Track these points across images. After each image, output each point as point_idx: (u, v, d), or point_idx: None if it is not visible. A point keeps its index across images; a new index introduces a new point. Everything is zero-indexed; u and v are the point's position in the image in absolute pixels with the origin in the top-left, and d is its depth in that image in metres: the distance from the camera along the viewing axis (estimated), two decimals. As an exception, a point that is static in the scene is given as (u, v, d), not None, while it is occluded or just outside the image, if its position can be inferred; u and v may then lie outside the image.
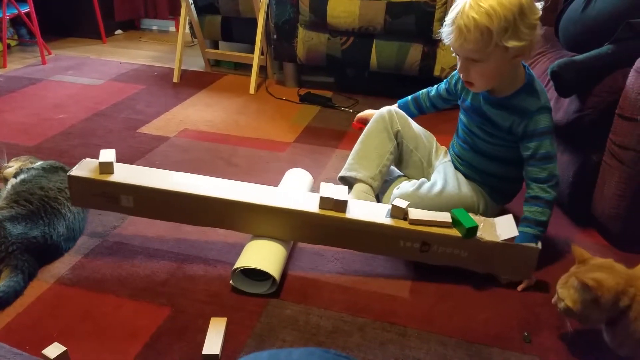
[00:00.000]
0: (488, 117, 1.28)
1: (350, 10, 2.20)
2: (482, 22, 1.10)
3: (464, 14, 1.12)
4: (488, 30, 1.11)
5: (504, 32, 1.12)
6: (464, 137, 1.38)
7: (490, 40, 1.12)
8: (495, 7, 1.10)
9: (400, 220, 1.19)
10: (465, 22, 1.12)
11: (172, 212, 1.24)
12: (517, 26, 1.12)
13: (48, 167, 1.43)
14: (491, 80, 1.22)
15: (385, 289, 1.20)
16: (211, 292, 1.16)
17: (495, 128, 1.27)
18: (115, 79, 2.59)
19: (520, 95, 1.23)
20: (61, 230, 1.25)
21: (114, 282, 1.17)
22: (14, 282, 1.11)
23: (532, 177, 1.23)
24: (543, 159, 1.21)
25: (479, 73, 1.20)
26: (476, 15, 1.11)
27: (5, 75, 2.58)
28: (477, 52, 1.15)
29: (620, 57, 1.29)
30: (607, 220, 1.36)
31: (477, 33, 1.11)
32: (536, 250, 1.17)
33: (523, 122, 1.21)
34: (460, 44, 1.15)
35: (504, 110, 1.25)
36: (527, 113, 1.21)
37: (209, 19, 2.73)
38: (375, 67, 2.33)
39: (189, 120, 2.12)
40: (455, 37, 1.15)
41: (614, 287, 0.93)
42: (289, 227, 1.21)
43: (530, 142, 1.21)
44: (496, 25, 1.10)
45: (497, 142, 1.29)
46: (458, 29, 1.13)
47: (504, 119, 1.24)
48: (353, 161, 1.45)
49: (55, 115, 2.11)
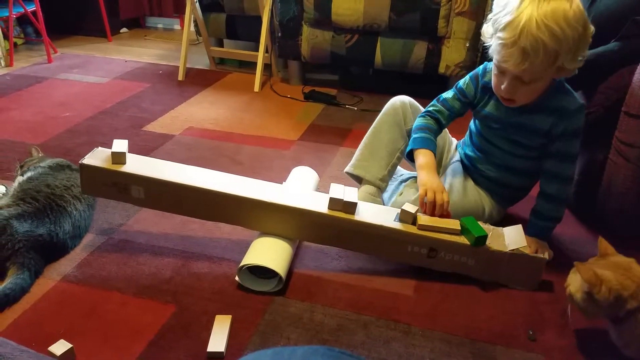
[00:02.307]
0: (521, 126, 1.21)
1: (355, 7, 2.20)
2: (552, 47, 1.02)
3: (530, 35, 1.01)
4: (555, 54, 1.04)
5: (569, 53, 1.05)
6: (479, 145, 1.32)
7: (555, 62, 1.06)
8: (563, 27, 1.01)
9: (409, 225, 1.18)
10: (533, 45, 1.01)
11: (182, 206, 1.24)
12: (579, 46, 1.06)
13: (54, 165, 1.43)
14: (534, 97, 1.17)
15: (390, 286, 1.20)
16: (216, 289, 1.16)
17: (528, 134, 1.21)
18: (121, 77, 2.60)
19: (557, 96, 1.18)
20: (67, 228, 1.26)
21: (120, 280, 1.18)
22: (21, 279, 1.12)
23: (555, 173, 1.21)
24: (571, 157, 1.20)
25: (528, 92, 1.14)
26: (546, 38, 1.01)
27: (12, 74, 2.59)
28: (534, 74, 1.08)
29: (626, 54, 1.28)
30: (614, 218, 1.36)
31: (544, 57, 1.03)
32: (543, 260, 1.17)
33: (564, 122, 1.16)
34: (524, 68, 1.05)
35: (541, 113, 1.18)
36: (567, 112, 1.16)
37: (214, 17, 2.73)
38: (380, 64, 2.32)
39: (193, 118, 2.13)
40: (517, 59, 1.04)
41: (618, 289, 0.92)
42: (297, 226, 1.21)
43: (568, 141, 1.18)
44: (564, 48, 1.03)
45: (522, 152, 1.24)
46: (523, 52, 1.03)
47: (543, 122, 1.18)
48: (362, 157, 1.39)
49: (61, 114, 2.12)
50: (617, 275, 0.94)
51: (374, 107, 2.24)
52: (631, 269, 0.95)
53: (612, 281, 0.93)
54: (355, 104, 2.31)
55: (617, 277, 0.93)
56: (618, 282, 0.93)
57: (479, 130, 1.32)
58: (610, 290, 0.92)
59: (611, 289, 0.92)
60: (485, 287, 1.21)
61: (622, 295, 0.92)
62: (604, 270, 0.95)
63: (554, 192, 1.21)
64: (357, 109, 2.27)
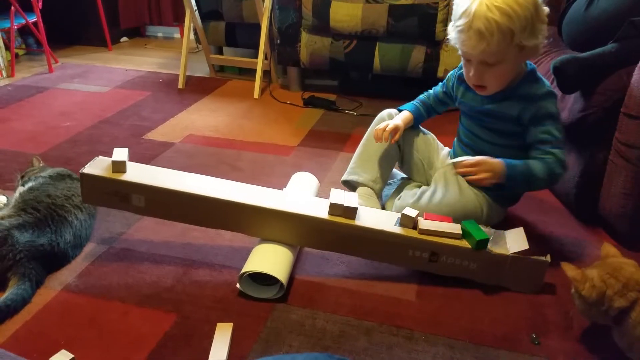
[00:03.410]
0: (492, 113, 1.26)
1: (353, 13, 2.21)
2: (503, 24, 1.08)
3: (482, 17, 1.08)
4: (510, 31, 1.09)
5: (524, 30, 1.10)
6: (466, 141, 1.37)
7: (512, 40, 1.10)
8: (513, 6, 1.08)
9: (409, 229, 1.18)
10: (486, 25, 1.08)
11: (182, 214, 1.24)
12: (534, 23, 1.11)
13: (55, 175, 1.44)
14: (505, 82, 1.21)
15: (392, 292, 1.20)
16: (217, 297, 1.16)
17: (501, 122, 1.25)
18: (121, 86, 2.61)
19: (525, 84, 1.21)
20: (68, 238, 1.26)
21: (121, 289, 1.18)
22: (22, 290, 1.11)
23: (540, 159, 1.20)
24: (549, 143, 1.19)
25: (495, 76, 1.18)
26: (497, 17, 1.07)
27: (14, 85, 2.60)
28: (496, 55, 1.12)
29: (624, 55, 1.28)
30: (614, 219, 1.35)
31: (499, 35, 1.09)
32: (546, 263, 1.16)
33: (531, 108, 1.19)
34: (482, 49, 1.11)
35: (509, 100, 1.22)
36: (534, 98, 1.19)
37: (213, 25, 2.74)
38: (379, 69, 2.33)
39: (194, 125, 2.13)
40: (475, 42, 1.11)
41: (600, 287, 0.93)
42: (298, 232, 1.21)
43: (541, 125, 1.19)
44: (517, 24, 1.08)
45: (502, 141, 1.27)
46: (478, 33, 1.09)
47: (511, 108, 1.22)
48: (355, 165, 1.45)
49: (61, 123, 2.12)
50: (601, 273, 0.95)
51: (374, 112, 2.21)
52: (621, 269, 0.96)
53: (595, 278, 0.94)
54: (355, 109, 2.31)
55: (601, 275, 0.95)
56: (601, 279, 0.94)
57: (462, 122, 1.38)
58: (593, 287, 0.93)
59: (594, 286, 0.93)
60: (487, 290, 1.20)
61: (606, 293, 0.93)
62: (592, 269, 0.96)
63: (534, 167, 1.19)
64: (356, 114, 2.27)
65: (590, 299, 0.95)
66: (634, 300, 0.92)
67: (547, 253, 1.18)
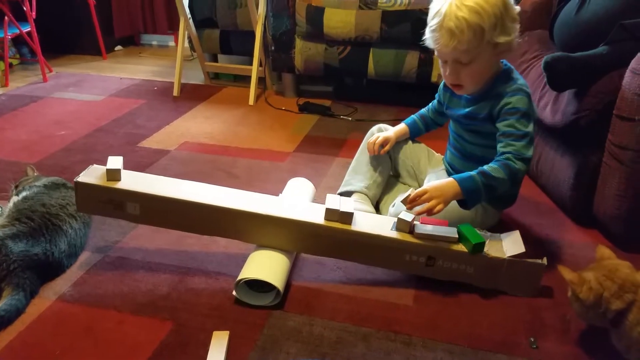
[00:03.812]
0: (471, 115, 1.28)
1: (347, 20, 2.22)
2: (473, 21, 1.11)
3: (452, 16, 1.12)
4: (480, 28, 1.12)
5: (494, 28, 1.13)
6: (454, 144, 1.39)
7: (482, 38, 1.13)
8: (481, 4, 1.11)
9: (406, 234, 1.18)
10: (456, 23, 1.11)
11: (177, 221, 1.24)
12: (504, 20, 1.13)
13: (50, 184, 1.43)
14: (481, 80, 1.23)
15: (389, 297, 1.19)
16: (213, 305, 1.15)
17: (479, 123, 1.27)
18: (116, 95, 2.61)
19: (497, 83, 1.23)
20: (63, 247, 1.25)
21: (116, 298, 1.17)
22: (16, 300, 1.11)
23: (499, 152, 1.19)
24: (511, 136, 1.18)
25: (470, 74, 1.20)
26: (466, 15, 1.11)
27: (7, 94, 2.60)
28: (469, 53, 1.15)
29: (615, 58, 1.29)
30: (609, 221, 1.36)
31: (469, 33, 1.12)
32: (542, 266, 1.16)
33: (500, 103, 1.21)
34: (454, 47, 1.14)
35: (484, 101, 1.25)
36: (502, 94, 1.21)
37: (208, 32, 2.75)
38: (373, 75, 2.33)
39: (189, 133, 2.13)
40: (446, 40, 1.14)
41: (597, 289, 0.93)
42: (294, 238, 1.21)
43: (503, 121, 1.20)
44: (487, 21, 1.11)
45: (485, 142, 1.28)
46: (449, 32, 1.13)
47: (485, 108, 1.24)
48: (348, 177, 1.50)
49: (56, 132, 2.12)
50: (598, 275, 0.95)
51: (369, 117, 2.24)
52: (617, 271, 0.96)
53: (592, 281, 0.94)
54: (350, 115, 2.32)
55: (598, 277, 0.95)
56: (598, 281, 0.94)
57: (450, 127, 1.40)
58: (590, 289, 0.93)
59: (591, 288, 0.93)
60: (485, 294, 1.20)
61: (603, 294, 0.93)
62: (588, 271, 0.96)
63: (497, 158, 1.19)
64: (351, 119, 2.27)
65: (588, 301, 0.95)
66: (631, 301, 0.92)
67: (544, 256, 1.18)
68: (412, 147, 1.51)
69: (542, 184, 1.63)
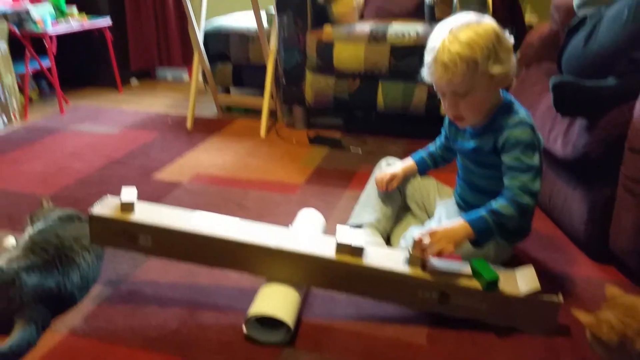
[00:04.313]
0: (475, 148, 1.29)
1: (356, 54, 2.26)
2: (466, 54, 1.14)
3: (446, 50, 1.15)
4: (473, 61, 1.14)
5: (487, 59, 1.15)
6: (463, 176, 1.39)
7: (477, 70, 1.15)
8: (473, 37, 1.14)
9: (418, 269, 1.17)
10: (449, 57, 1.14)
11: (189, 253, 1.25)
12: (497, 52, 1.16)
13: (64, 217, 1.45)
14: (480, 111, 1.24)
15: (402, 335, 1.17)
16: (223, 341, 1.15)
17: (484, 155, 1.28)
18: (131, 127, 2.66)
19: (499, 116, 1.25)
20: (75, 280, 1.26)
21: (126, 332, 1.17)
22: (27, 333, 1.11)
23: (506, 186, 1.20)
24: (517, 169, 1.19)
25: (468, 106, 1.22)
26: (459, 48, 1.14)
27: (26, 127, 2.66)
28: (465, 85, 1.17)
29: (623, 90, 1.30)
30: (626, 256, 1.33)
31: (463, 66, 1.14)
32: (558, 304, 1.13)
33: (503, 135, 1.22)
34: (449, 79, 1.17)
35: (486, 134, 1.26)
36: (505, 128, 1.22)
37: (221, 66, 2.82)
38: (382, 107, 2.36)
39: (201, 165, 2.16)
40: (441, 73, 1.17)
41: (620, 328, 0.89)
42: (304, 272, 1.20)
43: (508, 154, 1.21)
44: (479, 54, 1.14)
45: (492, 173, 1.28)
46: (443, 65, 1.16)
47: (488, 141, 1.25)
48: (358, 211, 1.51)
49: (72, 164, 2.16)
50: (617, 313, 0.92)
51: (379, 150, 2.26)
52: (635, 308, 0.93)
53: (612, 320, 0.91)
54: (360, 147, 2.33)
55: (618, 316, 0.91)
56: (619, 320, 0.91)
57: (457, 160, 1.41)
58: (612, 329, 0.89)
59: (612, 327, 0.90)
60: (500, 333, 1.17)
61: (626, 333, 0.90)
62: (605, 311, 0.93)
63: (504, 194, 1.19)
64: (361, 151, 2.29)
65: (612, 342, 0.91)
66: None
67: (558, 291, 1.15)
68: (421, 181, 1.51)
69: (556, 218, 1.62)
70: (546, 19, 2.08)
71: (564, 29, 1.73)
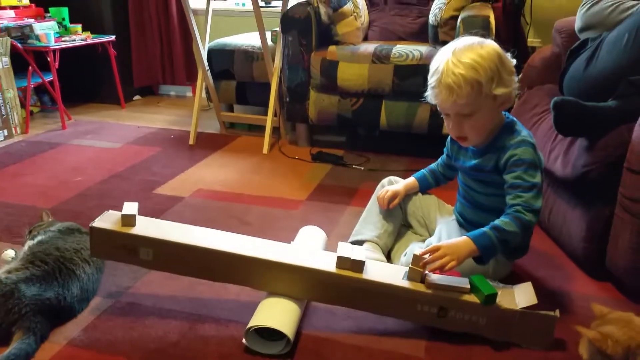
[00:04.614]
0: (477, 167, 1.31)
1: (360, 73, 2.29)
2: (470, 76, 1.16)
3: (449, 73, 1.17)
4: (477, 83, 1.16)
5: (491, 81, 1.17)
6: (464, 194, 1.41)
7: (481, 91, 1.17)
8: (477, 60, 1.16)
9: (418, 283, 1.17)
10: (453, 79, 1.16)
11: (189, 267, 1.25)
12: (500, 74, 1.18)
13: (64, 229, 1.45)
14: (483, 132, 1.26)
15: (400, 348, 1.17)
16: (223, 353, 1.14)
17: (485, 174, 1.29)
18: (133, 142, 2.68)
19: (501, 136, 1.27)
20: (75, 292, 1.26)
21: (126, 344, 1.16)
22: (26, 344, 1.10)
23: (509, 204, 1.21)
24: (519, 187, 1.20)
25: (472, 126, 1.24)
26: (463, 71, 1.16)
27: (27, 141, 2.68)
28: (469, 106, 1.19)
29: (623, 112, 1.32)
30: (623, 274, 1.34)
31: (467, 87, 1.16)
32: (555, 318, 1.14)
33: (505, 154, 1.23)
34: (453, 101, 1.19)
35: (489, 153, 1.28)
36: (507, 147, 1.24)
37: (225, 84, 2.85)
38: (385, 126, 2.38)
39: (203, 180, 2.17)
40: (445, 96, 1.19)
41: (625, 340, 0.92)
42: (304, 286, 1.21)
43: (510, 173, 1.22)
44: (483, 76, 1.16)
45: (493, 191, 1.30)
46: (447, 87, 1.18)
47: (490, 160, 1.27)
48: (359, 227, 1.52)
49: (73, 178, 2.17)
50: (620, 327, 0.94)
51: (381, 167, 2.27)
52: (632, 322, 0.95)
53: (617, 334, 0.93)
54: (362, 164, 2.35)
55: (621, 330, 0.94)
56: (623, 333, 0.93)
57: (459, 178, 1.43)
58: (617, 342, 0.91)
59: (617, 341, 0.92)
60: (497, 347, 1.17)
61: (630, 346, 0.92)
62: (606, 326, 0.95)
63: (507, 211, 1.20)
64: (364, 168, 2.30)
65: (618, 355, 0.92)
66: None
67: (556, 308, 1.16)
68: (422, 198, 1.53)
69: (555, 236, 1.62)
70: (549, 41, 2.11)
71: (565, 52, 1.76)
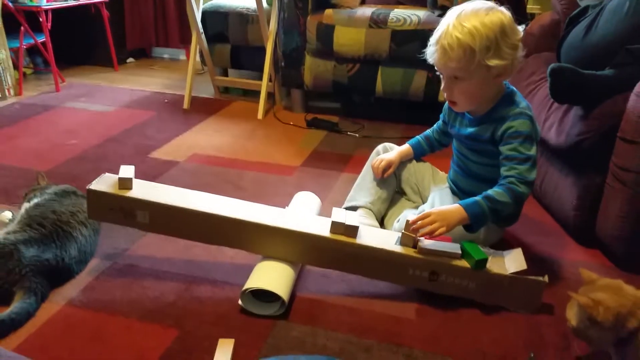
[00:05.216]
0: (472, 136, 1.31)
1: (356, 38, 2.26)
2: (465, 41, 1.16)
3: (448, 34, 1.18)
4: (471, 49, 1.16)
5: (486, 50, 1.16)
6: (458, 162, 1.42)
7: (473, 58, 1.17)
8: (477, 26, 1.16)
9: (410, 248, 1.20)
10: (449, 41, 1.17)
11: (186, 230, 1.27)
12: (499, 45, 1.17)
13: (60, 192, 1.46)
14: (473, 100, 1.26)
15: (391, 310, 1.21)
16: (219, 313, 1.17)
17: (481, 144, 1.30)
18: (127, 106, 2.65)
19: (499, 107, 1.27)
20: (73, 253, 1.28)
21: (124, 304, 1.19)
22: (27, 304, 1.13)
23: (503, 175, 1.23)
24: (515, 159, 1.22)
25: (462, 91, 1.24)
26: (459, 34, 1.16)
27: (20, 103, 2.65)
28: (460, 70, 1.20)
29: (620, 81, 1.32)
30: (611, 242, 1.37)
31: (460, 51, 1.16)
32: (543, 283, 1.17)
33: (502, 126, 1.24)
34: (444, 62, 1.20)
35: (486, 123, 1.28)
36: (505, 118, 1.24)
37: (219, 47, 2.81)
38: (381, 93, 2.37)
39: (198, 145, 2.16)
40: (439, 55, 1.20)
41: (615, 307, 0.93)
42: (299, 250, 1.23)
43: (506, 145, 1.23)
44: (478, 44, 1.15)
45: (488, 161, 1.31)
46: (442, 48, 1.19)
47: (487, 130, 1.27)
48: (353, 193, 1.53)
49: (67, 141, 2.16)
50: (611, 294, 0.95)
51: (376, 134, 2.28)
52: (622, 289, 0.97)
53: (608, 300, 0.94)
54: (357, 131, 2.35)
55: (612, 297, 0.95)
56: (614, 300, 0.94)
57: (453, 146, 1.44)
58: (608, 309, 0.93)
59: (609, 307, 0.93)
60: (486, 310, 1.21)
61: (621, 312, 0.93)
62: (596, 292, 0.96)
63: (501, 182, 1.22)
64: (358, 135, 2.30)
65: (608, 322, 0.93)
66: None
67: (545, 274, 1.19)
68: (416, 165, 1.54)
69: (546, 204, 1.65)
70: (548, 8, 2.09)
71: (565, 20, 1.74)
